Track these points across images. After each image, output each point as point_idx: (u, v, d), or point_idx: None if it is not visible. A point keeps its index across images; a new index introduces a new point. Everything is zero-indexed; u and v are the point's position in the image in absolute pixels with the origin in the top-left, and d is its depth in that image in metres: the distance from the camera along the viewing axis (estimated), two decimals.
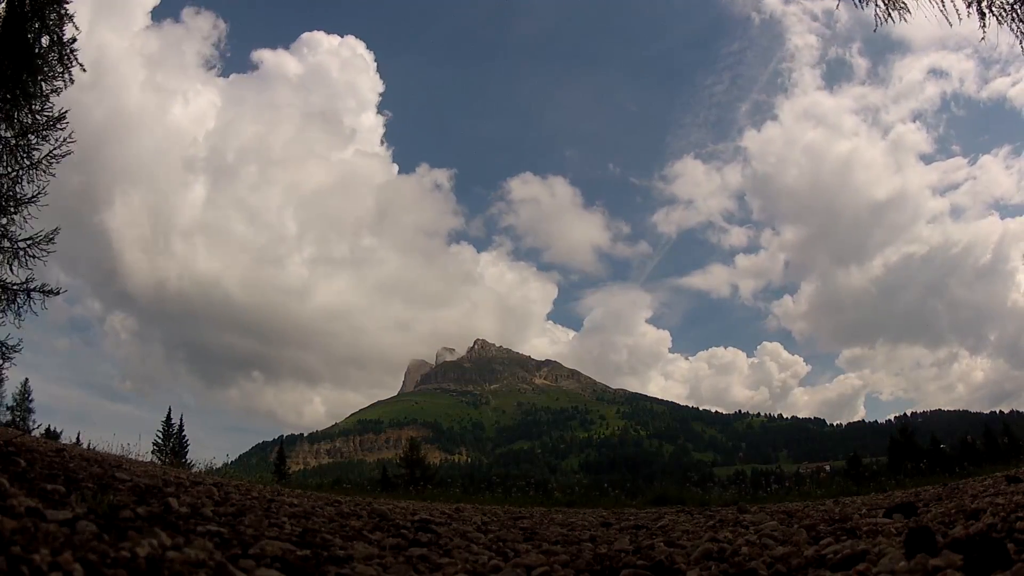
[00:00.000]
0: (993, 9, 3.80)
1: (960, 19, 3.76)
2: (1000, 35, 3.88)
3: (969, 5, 3.77)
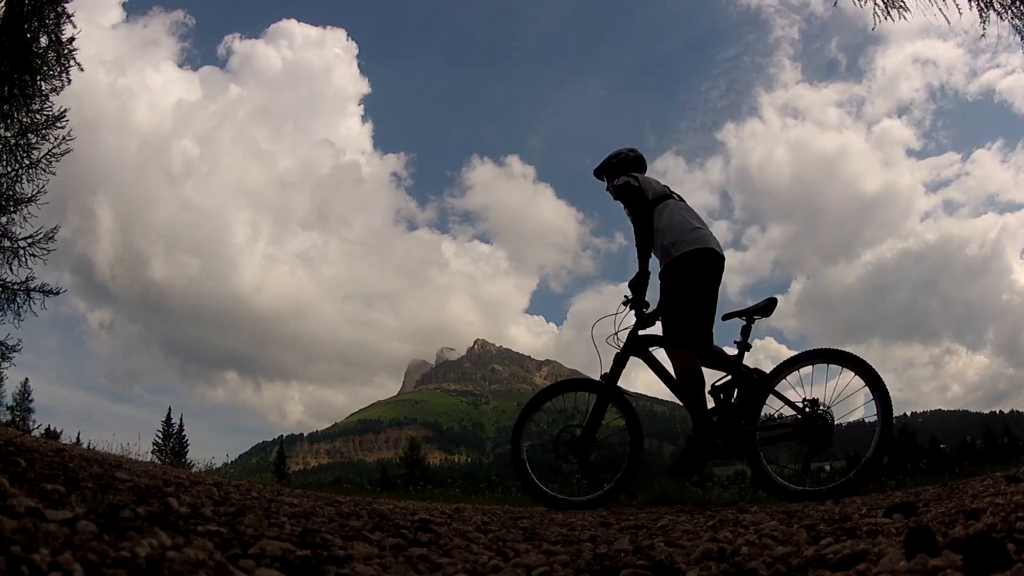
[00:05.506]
0: (995, 4, 3.76)
1: (961, 14, 3.71)
2: (990, 26, 3.84)
3: (971, 0, 3.73)
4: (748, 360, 3.58)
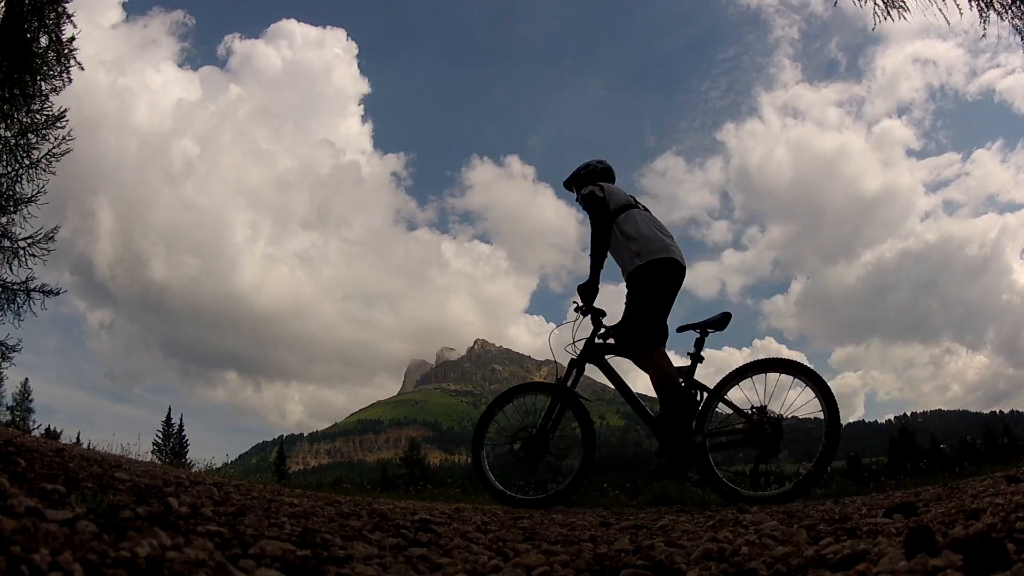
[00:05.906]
0: (995, 4, 3.75)
1: (961, 14, 3.70)
2: (990, 26, 3.82)
3: (971, 0, 3.71)
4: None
